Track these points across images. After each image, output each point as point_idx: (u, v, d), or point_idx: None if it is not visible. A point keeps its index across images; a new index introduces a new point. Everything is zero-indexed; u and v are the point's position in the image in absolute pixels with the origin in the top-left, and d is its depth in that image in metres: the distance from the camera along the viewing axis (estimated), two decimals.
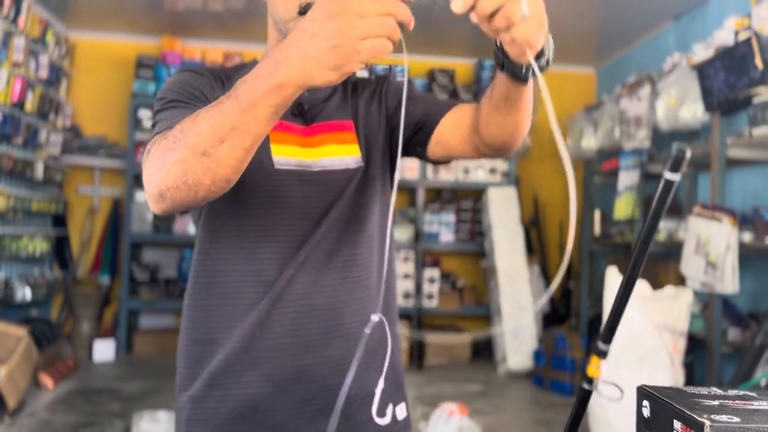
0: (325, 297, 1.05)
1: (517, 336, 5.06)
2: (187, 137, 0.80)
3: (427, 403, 3.49)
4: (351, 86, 1.23)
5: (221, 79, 1.10)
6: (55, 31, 5.01)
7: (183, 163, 0.80)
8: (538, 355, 4.82)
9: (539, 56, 0.87)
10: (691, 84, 3.74)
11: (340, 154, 1.12)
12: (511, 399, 4.45)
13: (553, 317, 5.63)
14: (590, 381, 0.78)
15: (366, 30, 0.72)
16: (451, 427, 2.76)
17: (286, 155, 1.08)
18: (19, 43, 4.27)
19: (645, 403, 0.92)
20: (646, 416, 0.92)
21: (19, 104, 4.34)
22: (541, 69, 0.91)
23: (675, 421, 0.78)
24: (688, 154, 0.63)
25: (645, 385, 0.94)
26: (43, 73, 4.71)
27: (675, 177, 0.65)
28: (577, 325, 5.41)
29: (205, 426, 1.04)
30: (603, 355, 0.78)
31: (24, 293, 4.51)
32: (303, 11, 1.02)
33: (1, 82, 4.06)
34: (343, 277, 1.07)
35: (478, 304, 5.77)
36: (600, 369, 0.77)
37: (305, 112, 1.13)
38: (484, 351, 5.59)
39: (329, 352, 1.05)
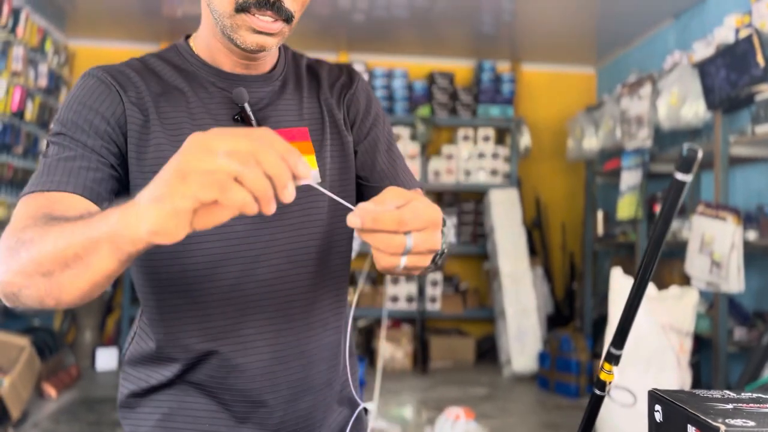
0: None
1: (521, 338, 5.04)
2: (34, 248, 0.70)
3: (432, 408, 3.47)
4: (306, 71, 1.07)
5: (135, 78, 0.94)
6: (54, 40, 5.00)
7: (26, 276, 0.71)
8: (543, 357, 4.79)
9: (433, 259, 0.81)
10: (693, 82, 3.73)
11: None
12: (516, 402, 4.43)
13: (557, 319, 5.60)
14: (602, 386, 0.76)
15: (205, 162, 0.57)
16: (457, 431, 2.74)
17: None
18: (18, 52, 4.27)
19: (657, 407, 0.90)
20: (658, 421, 0.90)
21: (19, 113, 4.33)
22: (437, 266, 0.88)
23: (689, 426, 0.76)
24: (700, 154, 0.61)
25: (656, 390, 0.92)
26: (43, 82, 4.70)
27: (686, 178, 0.63)
28: (581, 327, 5.38)
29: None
30: (615, 360, 0.76)
31: None
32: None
33: (1, 92, 4.06)
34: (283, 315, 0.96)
35: (481, 306, 5.75)
36: (612, 374, 0.75)
37: (248, 117, 0.96)
38: (489, 353, 5.57)
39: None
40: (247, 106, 0.95)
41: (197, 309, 0.93)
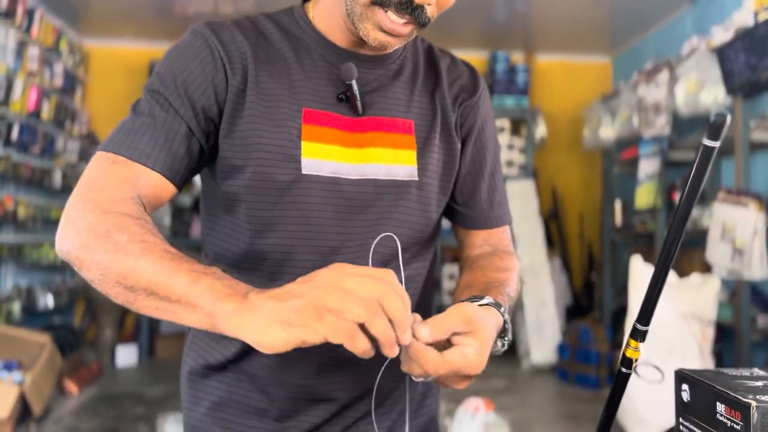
0: None
1: (540, 330, 5.00)
2: (126, 263, 0.69)
3: (450, 400, 3.45)
4: (425, 60, 0.99)
5: (242, 42, 0.88)
6: (69, 40, 5.04)
7: (103, 272, 0.71)
8: (562, 349, 4.76)
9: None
10: (711, 67, 3.66)
11: (390, 160, 0.90)
12: (536, 394, 4.40)
13: (576, 310, 5.56)
14: (628, 364, 0.74)
15: (339, 304, 0.61)
16: (477, 423, 2.72)
17: (321, 157, 0.87)
18: (33, 52, 4.30)
19: (684, 386, 0.88)
20: (685, 400, 0.88)
21: (36, 113, 4.37)
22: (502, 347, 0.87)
23: (718, 403, 0.74)
24: (728, 119, 0.59)
25: (683, 369, 0.90)
26: (58, 82, 4.74)
27: (714, 144, 0.61)
28: (600, 318, 5.33)
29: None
30: (641, 336, 0.74)
31: (46, 300, 4.54)
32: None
33: (17, 92, 4.09)
34: None
35: None
36: (639, 351, 0.73)
37: (354, 98, 0.89)
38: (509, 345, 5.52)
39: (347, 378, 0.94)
40: (354, 84, 0.88)
41: None
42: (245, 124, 0.86)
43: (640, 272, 3.23)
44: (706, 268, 3.63)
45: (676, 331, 3.06)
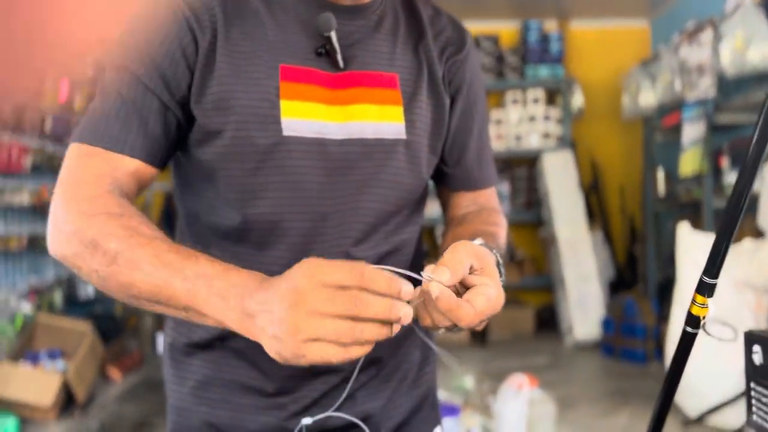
0: None
1: (583, 305, 4.87)
2: (123, 275, 0.69)
3: (493, 378, 3.37)
4: (404, 9, 0.92)
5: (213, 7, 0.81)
6: None
7: (102, 282, 0.71)
8: (606, 324, 4.63)
9: None
10: (759, 23, 3.47)
11: (376, 117, 0.85)
12: (580, 370, 4.29)
13: (619, 284, 5.41)
14: (695, 323, 0.65)
15: (317, 332, 0.59)
16: (521, 400, 2.64)
17: (302, 116, 0.81)
18: None
19: (755, 348, 0.79)
20: (757, 363, 0.78)
21: (67, 104, 4.39)
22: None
23: None
24: None
25: (754, 329, 0.80)
26: (89, 72, 4.75)
27: None
28: (645, 291, 5.17)
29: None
30: (709, 291, 0.65)
31: (87, 290, 4.59)
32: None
33: (49, 84, 4.10)
34: None
35: (538, 275, 5.59)
36: (707, 307, 0.64)
37: (334, 52, 0.83)
38: (549, 323, 5.42)
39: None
40: (334, 36, 0.81)
41: (254, 264, 0.82)
42: (216, 85, 0.79)
43: (688, 240, 3.08)
44: (758, 235, 3.46)
45: (728, 300, 2.91)
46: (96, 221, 0.71)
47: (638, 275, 5.44)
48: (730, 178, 3.90)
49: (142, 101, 0.78)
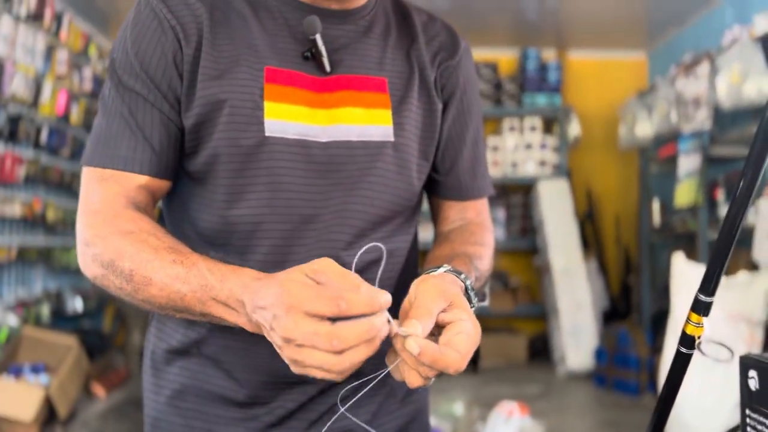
0: None
1: (576, 335, 4.83)
2: (144, 292, 0.73)
3: (484, 405, 3.33)
4: (396, 14, 0.92)
5: (195, 3, 0.82)
6: (98, 45, 5.06)
7: (129, 297, 0.76)
8: (599, 354, 4.58)
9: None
10: (755, 57, 3.49)
11: (363, 121, 0.84)
12: (572, 400, 4.24)
13: (613, 314, 5.37)
14: (690, 343, 0.63)
15: (306, 339, 0.60)
16: (512, 427, 2.60)
17: (286, 118, 0.81)
18: (62, 56, 4.31)
19: (751, 374, 0.76)
20: (753, 389, 0.76)
21: (65, 117, 4.38)
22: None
23: None
24: None
25: (750, 354, 0.78)
26: (87, 86, 4.75)
27: None
28: (639, 322, 5.14)
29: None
30: (705, 309, 0.62)
31: (75, 304, 4.53)
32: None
33: (46, 95, 4.10)
34: None
35: (532, 303, 5.56)
36: (702, 327, 0.62)
37: (320, 55, 0.82)
38: (542, 351, 5.36)
39: None
40: (319, 38, 0.81)
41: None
42: (201, 89, 0.80)
43: (683, 270, 3.07)
44: (753, 268, 3.44)
45: (722, 332, 2.89)
46: (111, 242, 0.75)
47: (632, 306, 5.41)
48: (725, 210, 3.90)
49: (143, 116, 0.80)
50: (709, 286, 0.62)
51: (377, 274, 0.78)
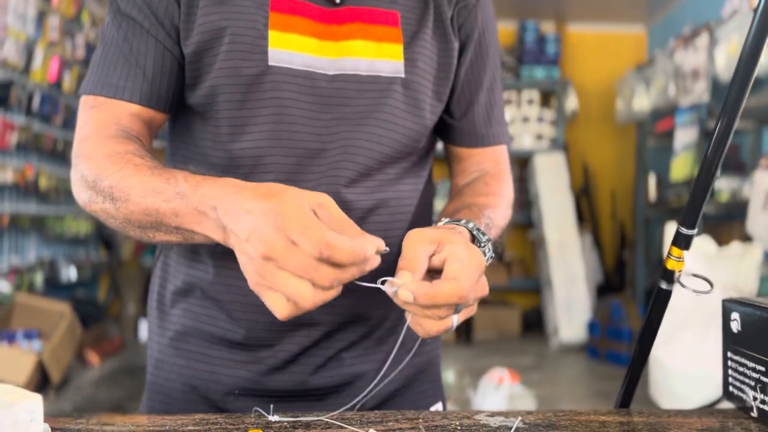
0: None
1: (570, 308, 4.85)
2: (123, 209, 0.71)
3: (475, 375, 3.34)
4: None
5: None
6: (91, 11, 4.99)
7: (112, 219, 0.73)
8: (592, 327, 4.60)
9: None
10: None
11: (372, 54, 0.80)
12: (565, 371, 4.27)
13: (607, 289, 5.39)
14: (669, 277, 0.62)
15: (281, 288, 0.58)
16: (501, 394, 2.61)
17: (291, 48, 0.77)
18: (53, 22, 4.25)
19: (733, 316, 0.76)
20: (735, 331, 0.75)
21: (57, 84, 4.33)
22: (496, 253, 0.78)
23: None
24: None
25: (733, 297, 0.77)
26: (80, 53, 4.69)
27: None
28: (633, 296, 5.16)
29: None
30: (686, 243, 0.61)
31: (69, 273, 4.53)
32: None
33: (37, 61, 4.05)
34: None
35: (526, 276, 5.57)
36: (682, 261, 0.60)
37: None
38: (535, 324, 5.39)
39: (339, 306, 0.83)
40: None
41: None
42: (202, 16, 0.77)
43: None
44: (747, 240, 3.44)
45: (714, 303, 2.89)
46: (95, 162, 0.74)
47: (626, 281, 5.43)
48: (721, 183, 3.88)
49: (138, 43, 0.78)
50: (690, 219, 0.61)
51: (381, 218, 0.78)
